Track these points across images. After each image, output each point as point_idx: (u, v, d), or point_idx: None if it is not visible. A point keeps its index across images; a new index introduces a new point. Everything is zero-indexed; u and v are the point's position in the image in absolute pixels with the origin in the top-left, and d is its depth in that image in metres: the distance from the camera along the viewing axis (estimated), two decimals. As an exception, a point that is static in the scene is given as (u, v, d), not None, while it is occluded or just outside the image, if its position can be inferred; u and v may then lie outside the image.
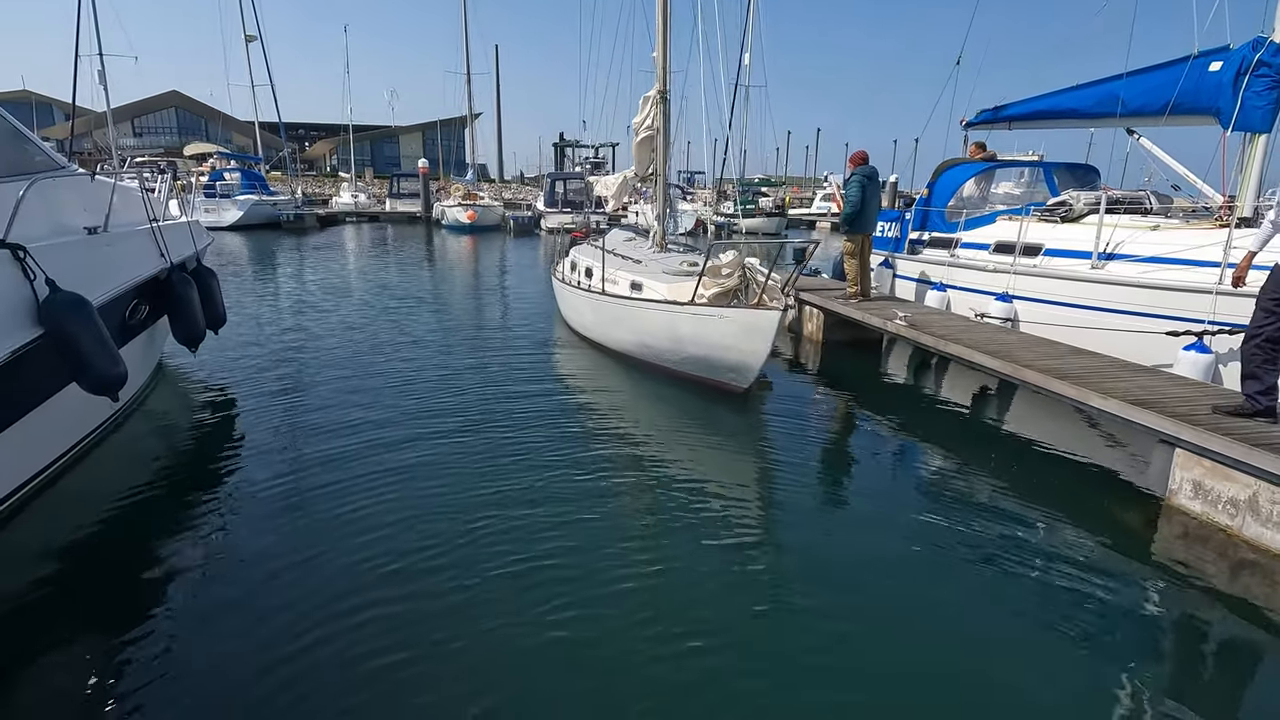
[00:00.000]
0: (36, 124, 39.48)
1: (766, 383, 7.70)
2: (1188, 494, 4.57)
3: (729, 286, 7.29)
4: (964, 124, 11.59)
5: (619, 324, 8.19)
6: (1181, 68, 8.05)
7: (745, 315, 6.51)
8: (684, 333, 7.04)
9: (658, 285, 7.88)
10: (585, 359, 8.79)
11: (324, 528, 4.21)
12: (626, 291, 8.23)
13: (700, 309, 6.87)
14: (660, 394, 7.29)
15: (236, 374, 7.64)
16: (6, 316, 3.90)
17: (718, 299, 7.17)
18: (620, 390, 7.63)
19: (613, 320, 8.31)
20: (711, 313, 6.75)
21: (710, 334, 6.77)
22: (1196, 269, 6.66)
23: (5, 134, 5.02)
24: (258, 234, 26.68)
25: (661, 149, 10.24)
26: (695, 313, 6.85)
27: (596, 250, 9.06)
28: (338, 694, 2.85)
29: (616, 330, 8.33)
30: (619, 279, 8.53)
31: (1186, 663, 3.34)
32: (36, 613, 3.40)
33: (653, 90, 10.07)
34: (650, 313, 7.46)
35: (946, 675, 3.09)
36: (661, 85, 9.98)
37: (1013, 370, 6.15)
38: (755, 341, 6.49)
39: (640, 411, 6.95)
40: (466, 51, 38.56)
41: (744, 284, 7.58)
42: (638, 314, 7.68)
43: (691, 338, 7.00)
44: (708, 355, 6.95)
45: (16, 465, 4.35)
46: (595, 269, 8.84)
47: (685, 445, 6.03)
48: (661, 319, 7.27)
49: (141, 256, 6.00)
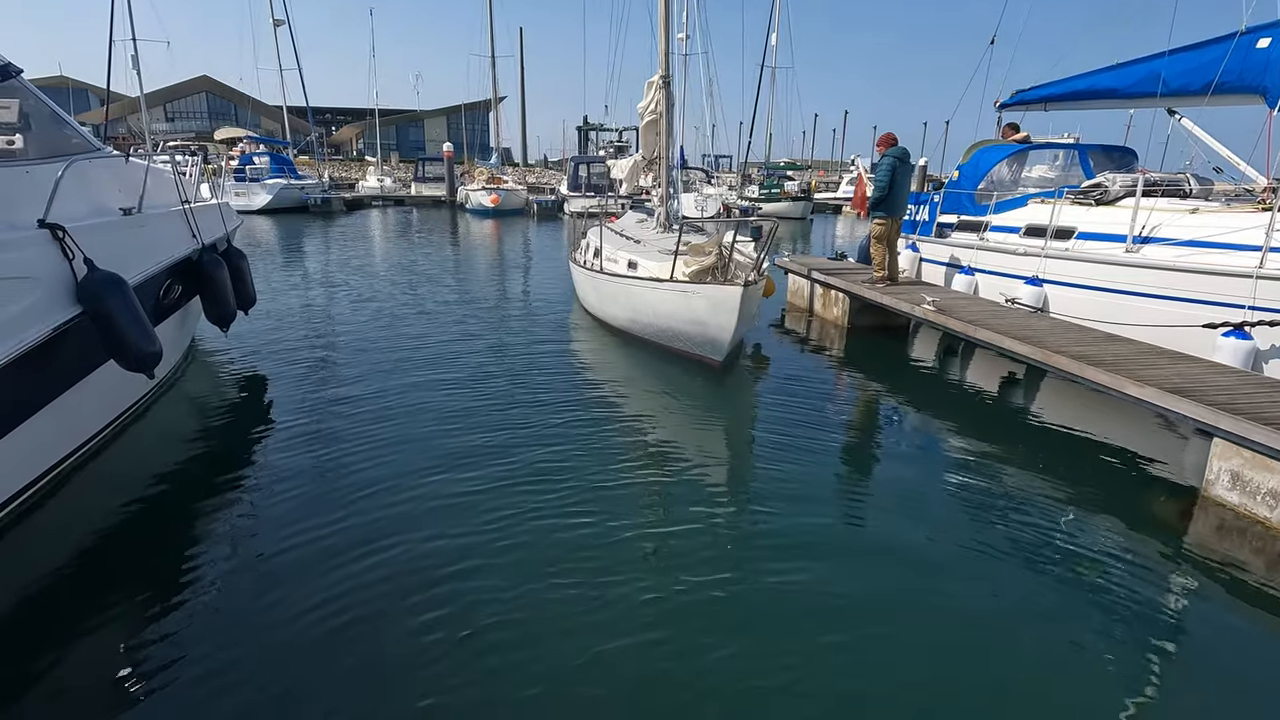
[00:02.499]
0: (73, 109, 40.15)
1: (780, 366, 7.66)
2: (1225, 485, 4.46)
3: (707, 264, 7.57)
4: (997, 105, 11.31)
5: (614, 301, 8.58)
6: (1227, 45, 7.78)
7: (712, 291, 6.82)
8: (664, 308, 7.45)
9: (650, 264, 8.11)
10: (596, 339, 8.95)
11: (353, 500, 4.30)
12: (624, 270, 8.55)
13: (676, 285, 7.20)
14: (670, 376, 7.33)
15: (266, 353, 7.77)
16: (47, 295, 4.00)
17: (698, 276, 7.43)
18: (625, 366, 7.88)
19: (610, 297, 8.69)
20: (685, 289, 7.10)
21: (685, 309, 7.15)
22: (1237, 253, 6.46)
23: (44, 117, 5.12)
24: (286, 218, 27.00)
25: (664, 132, 10.44)
26: (672, 289, 7.23)
27: (606, 231, 9.45)
28: (365, 673, 2.91)
29: (612, 307, 8.73)
30: (619, 258, 8.84)
31: (1221, 658, 3.26)
32: (77, 582, 3.51)
33: (655, 75, 10.23)
34: (637, 289, 7.87)
35: (968, 664, 3.07)
36: (663, 70, 10.12)
37: (1044, 356, 6.03)
38: (721, 316, 6.78)
39: (656, 395, 6.98)
40: (491, 34, 38.52)
41: (723, 262, 7.79)
42: (630, 291, 8.06)
43: (670, 313, 7.40)
44: (685, 329, 7.32)
45: (58, 440, 4.47)
46: (602, 249, 9.24)
47: (703, 430, 6.03)
48: (648, 295, 7.67)
49: (174, 237, 6.11)
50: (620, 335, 8.70)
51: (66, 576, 3.56)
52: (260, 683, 2.82)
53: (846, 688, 2.90)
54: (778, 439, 5.59)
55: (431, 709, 2.69)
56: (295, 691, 2.78)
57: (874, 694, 2.87)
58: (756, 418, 6.42)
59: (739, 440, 5.88)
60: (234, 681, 2.82)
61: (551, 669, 2.93)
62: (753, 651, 3.06)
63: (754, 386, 7.40)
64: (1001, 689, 2.93)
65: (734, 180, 38.06)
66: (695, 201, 27.12)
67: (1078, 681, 2.97)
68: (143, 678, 2.83)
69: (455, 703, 2.74)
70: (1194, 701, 2.92)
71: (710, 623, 3.25)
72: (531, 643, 3.07)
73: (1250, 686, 3.04)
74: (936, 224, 10.54)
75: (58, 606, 3.32)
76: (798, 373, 7.70)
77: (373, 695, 2.75)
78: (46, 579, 3.53)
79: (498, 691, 2.81)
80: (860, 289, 9.13)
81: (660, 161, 10.83)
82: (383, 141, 50.33)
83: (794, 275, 11.14)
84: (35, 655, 2.94)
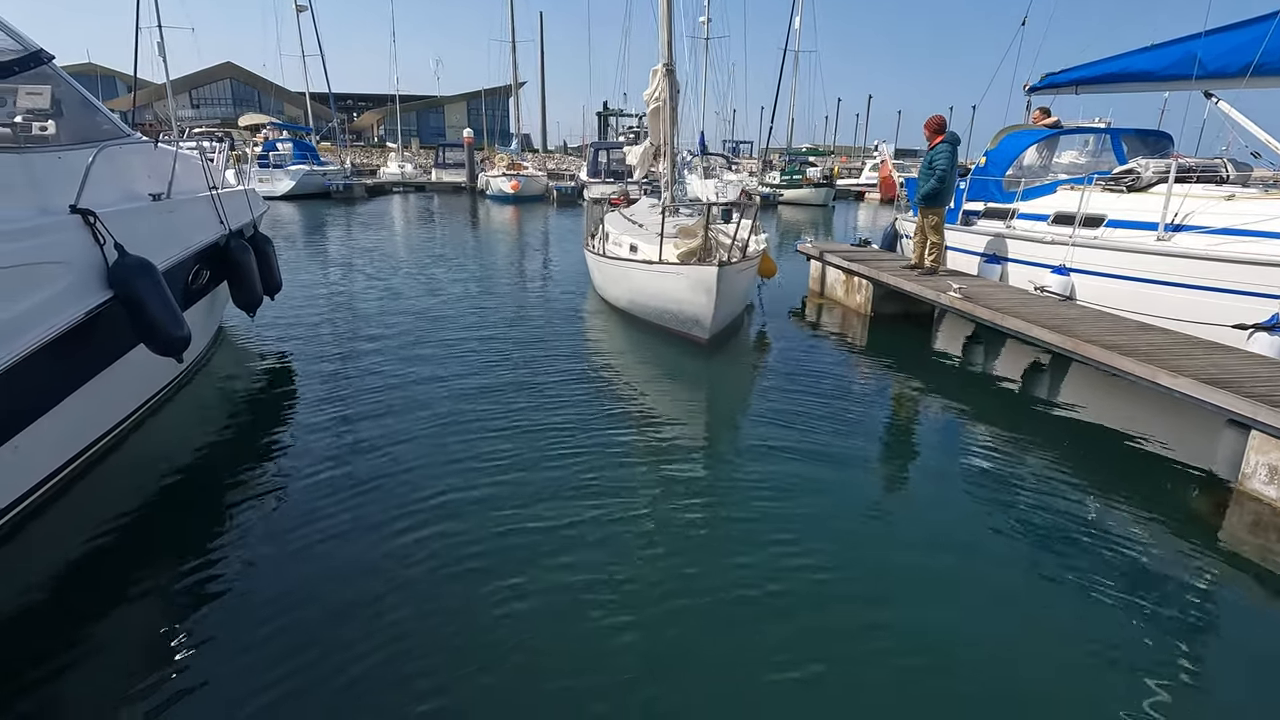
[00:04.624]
0: (101, 96, 40.68)
1: (785, 349, 7.60)
2: (1262, 479, 4.36)
3: (694, 246, 7.87)
4: (1027, 89, 11.05)
5: (616, 283, 8.93)
6: (1268, 24, 7.51)
7: (692, 271, 7.16)
8: (654, 288, 7.80)
9: (648, 247, 8.33)
10: (605, 321, 9.16)
11: (376, 480, 4.39)
12: (625, 254, 8.86)
13: (664, 267, 7.55)
14: (663, 355, 7.58)
15: (292, 337, 7.86)
16: (79, 279, 4.06)
17: (686, 257, 7.72)
18: (625, 344, 8.17)
19: (613, 280, 9.04)
20: (671, 270, 7.45)
21: (672, 289, 7.46)
22: (1275, 241, 6.28)
23: (75, 103, 5.18)
24: (309, 203, 27.25)
25: (667, 119, 10.62)
26: (661, 270, 7.58)
27: (617, 217, 9.82)
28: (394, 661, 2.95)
29: (614, 289, 9.09)
30: (623, 242, 9.17)
31: (1253, 655, 3.19)
32: (109, 562, 3.59)
33: (659, 64, 10.33)
34: (634, 271, 8.21)
35: (991, 658, 3.04)
36: (666, 59, 10.26)
37: (1074, 346, 5.92)
38: (700, 294, 7.07)
39: (648, 370, 7.16)
40: (512, 18, 38.43)
41: (711, 244, 8.19)
42: (628, 273, 8.38)
43: (659, 292, 7.73)
44: (673, 309, 7.62)
45: (90, 423, 4.56)
46: (610, 233, 9.61)
47: (687, 407, 6.02)
48: (642, 277, 8.00)
49: (202, 223, 6.17)
50: (625, 316, 8.96)
51: (99, 556, 3.63)
52: (288, 663, 2.86)
53: (857, 675, 2.89)
54: (768, 420, 5.64)
55: (465, 680, 2.73)
56: (328, 670, 2.82)
57: (893, 682, 2.86)
58: (746, 399, 6.55)
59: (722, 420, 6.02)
60: (260, 662, 2.87)
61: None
62: (764, 639, 3.07)
63: (746, 368, 7.57)
64: (1026, 682, 2.89)
65: (755, 166, 37.72)
66: (715, 187, 26.92)
67: (1101, 678, 2.92)
68: (170, 655, 2.90)
69: (496, 672, 2.77)
70: (1227, 697, 2.87)
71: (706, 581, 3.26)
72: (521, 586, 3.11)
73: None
74: (963, 211, 10.36)
75: (90, 585, 3.39)
76: (802, 356, 7.74)
77: (408, 673, 2.79)
78: (79, 559, 3.60)
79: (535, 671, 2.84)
80: (884, 275, 9.02)
81: (665, 147, 11.04)
82: (403, 128, 50.42)
83: (815, 262, 11.03)
84: (72, 628, 3.02)
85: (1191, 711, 2.77)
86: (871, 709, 2.74)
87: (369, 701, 2.66)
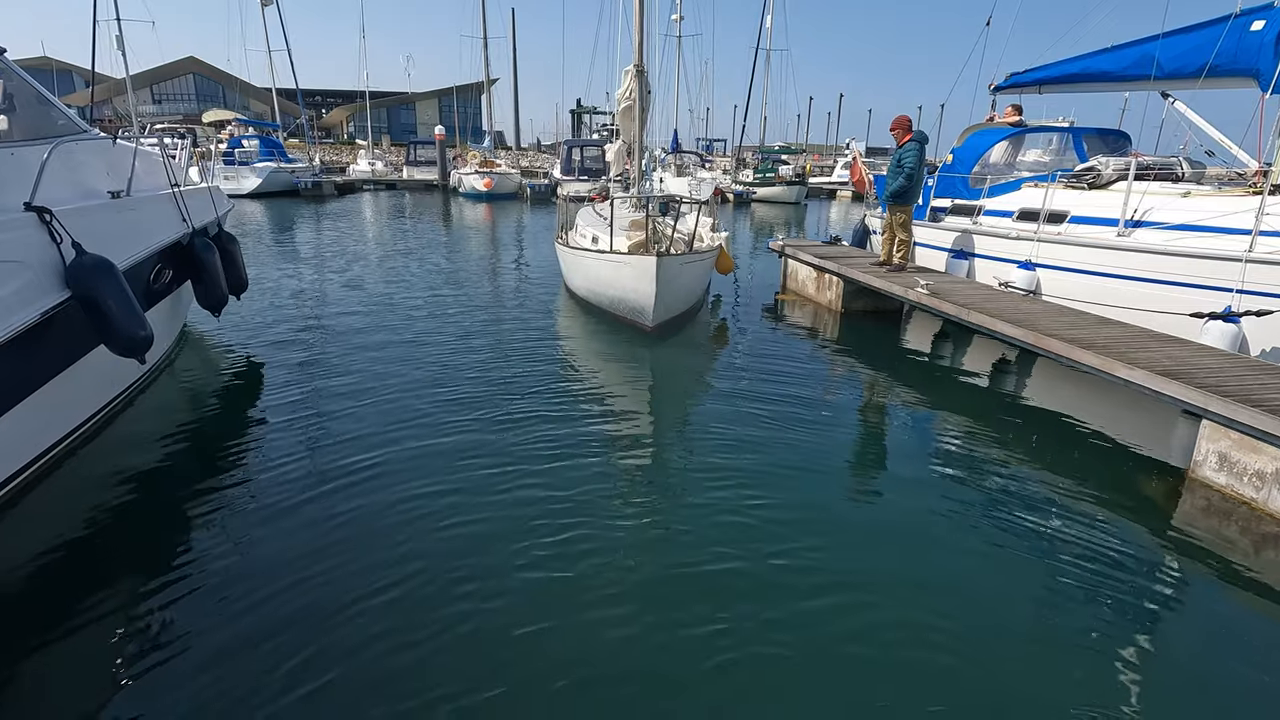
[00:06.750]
0: (57, 91, 39.60)
1: (745, 341, 7.68)
2: (1212, 466, 4.51)
3: (641, 239, 8.31)
4: (992, 88, 11.27)
5: (578, 273, 9.30)
6: (1221, 27, 7.76)
7: (634, 260, 7.59)
8: (608, 277, 8.19)
9: (605, 239, 8.67)
10: (572, 313, 9.43)
11: (343, 479, 4.34)
12: (588, 244, 9.07)
13: (613, 257, 8.00)
14: (615, 343, 7.86)
15: (259, 337, 7.73)
16: (35, 278, 3.96)
17: (636, 249, 8.10)
18: (583, 333, 8.37)
19: (576, 270, 9.34)
20: (618, 259, 7.89)
21: (621, 278, 7.87)
22: (1227, 237, 6.49)
23: (28, 98, 5.05)
24: (277, 201, 26.76)
25: (638, 118, 11.05)
26: (611, 260, 8.06)
27: (589, 211, 10.34)
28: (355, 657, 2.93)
29: (577, 278, 9.42)
30: (588, 234, 9.66)
31: (1204, 637, 3.31)
32: (65, 569, 3.51)
33: (630, 65, 10.66)
34: (589, 262, 8.64)
35: (955, 645, 3.11)
36: (638, 60, 10.56)
37: (1035, 339, 6.06)
38: (643, 283, 7.50)
39: (657, 373, 7.00)
40: (483, 14, 38.12)
41: (656, 236, 8.59)
42: (586, 264, 8.78)
43: (610, 281, 8.16)
44: (621, 296, 8.03)
45: (49, 425, 4.45)
46: (578, 225, 10.13)
47: (698, 411, 6.06)
48: (596, 266, 8.43)
49: (164, 221, 6.05)
50: (586, 306, 9.28)
51: (59, 561, 3.55)
52: (256, 664, 2.84)
53: (826, 667, 2.94)
54: (771, 422, 5.64)
55: (422, 668, 2.72)
56: (291, 666, 2.80)
57: (837, 673, 2.91)
58: (694, 389, 6.73)
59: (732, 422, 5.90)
60: (228, 662, 2.84)
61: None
62: (749, 634, 3.11)
63: (700, 358, 7.81)
64: (984, 667, 2.97)
65: (728, 164, 37.88)
66: (689, 185, 27.01)
67: (1062, 660, 3.01)
68: (134, 661, 2.85)
69: (448, 664, 2.77)
70: (1178, 680, 2.97)
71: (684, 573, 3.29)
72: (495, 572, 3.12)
73: (1234, 665, 3.08)
74: (930, 208, 10.52)
75: (50, 592, 3.31)
76: (764, 349, 7.92)
77: (373, 670, 2.78)
78: (39, 564, 3.52)
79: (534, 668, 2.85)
80: (854, 272, 9.14)
81: (635, 145, 11.51)
82: (374, 124, 49.84)
83: (787, 259, 11.13)
84: (29, 639, 2.95)
85: (1146, 689, 2.86)
86: (829, 700, 2.79)
87: (324, 703, 2.65)
